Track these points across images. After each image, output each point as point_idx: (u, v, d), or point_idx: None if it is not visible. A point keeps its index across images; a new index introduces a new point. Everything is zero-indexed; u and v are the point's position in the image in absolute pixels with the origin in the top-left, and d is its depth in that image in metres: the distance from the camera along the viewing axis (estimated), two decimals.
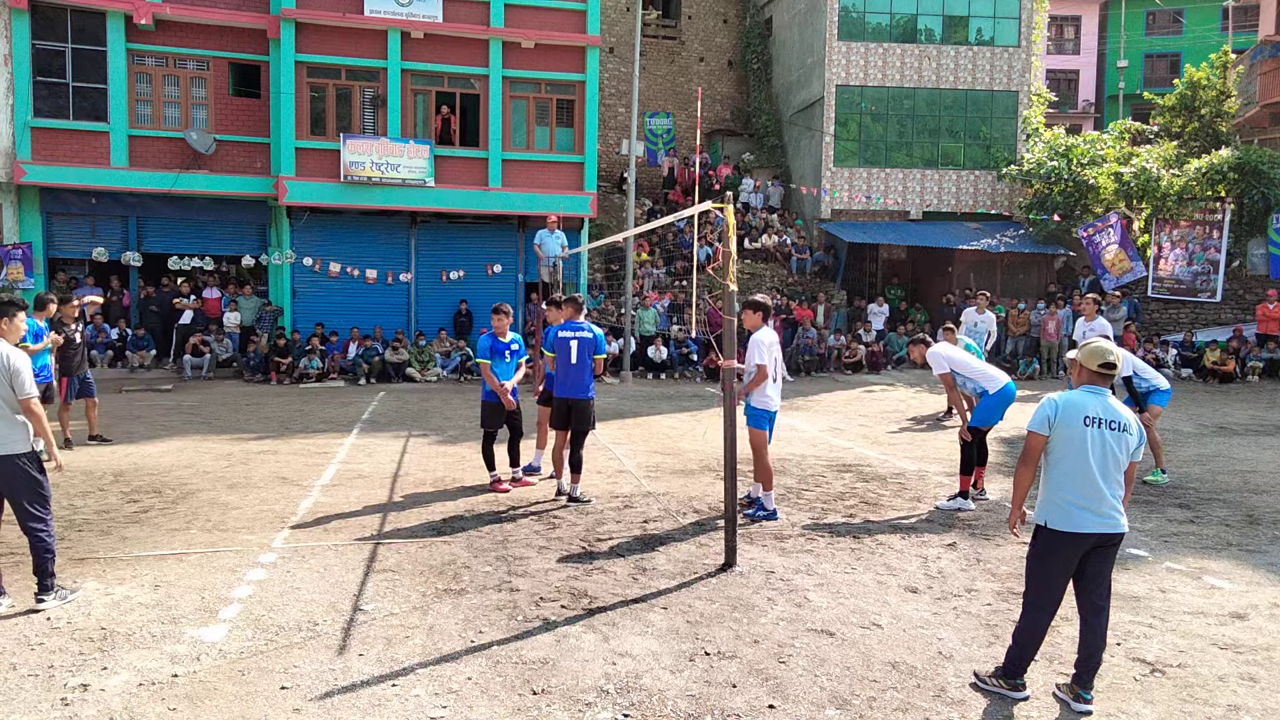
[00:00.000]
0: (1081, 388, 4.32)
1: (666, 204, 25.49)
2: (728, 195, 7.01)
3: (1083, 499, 4.17)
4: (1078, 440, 4.19)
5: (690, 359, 19.60)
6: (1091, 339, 4.49)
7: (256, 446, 10.70)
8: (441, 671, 4.52)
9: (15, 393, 5.24)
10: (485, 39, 19.42)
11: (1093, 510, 4.17)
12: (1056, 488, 4.22)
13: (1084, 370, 4.34)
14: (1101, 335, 11.98)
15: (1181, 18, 39.96)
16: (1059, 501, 4.20)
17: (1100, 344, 4.31)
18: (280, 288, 19.38)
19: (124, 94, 18.08)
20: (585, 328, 8.07)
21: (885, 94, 24.38)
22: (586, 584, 5.87)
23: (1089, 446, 4.18)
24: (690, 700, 4.25)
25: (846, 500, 8.39)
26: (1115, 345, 4.51)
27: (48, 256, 18.33)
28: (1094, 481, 4.18)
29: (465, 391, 16.60)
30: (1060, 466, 4.21)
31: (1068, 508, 4.18)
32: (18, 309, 5.62)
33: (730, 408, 6.38)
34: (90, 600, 5.45)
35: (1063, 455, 4.21)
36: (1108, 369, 4.27)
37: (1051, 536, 4.22)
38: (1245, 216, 21.71)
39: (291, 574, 6.00)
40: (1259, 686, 4.49)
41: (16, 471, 5.25)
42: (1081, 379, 4.36)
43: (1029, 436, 4.31)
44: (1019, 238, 23.27)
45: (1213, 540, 7.09)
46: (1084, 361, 4.32)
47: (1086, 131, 28.18)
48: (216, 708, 4.10)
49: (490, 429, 8.52)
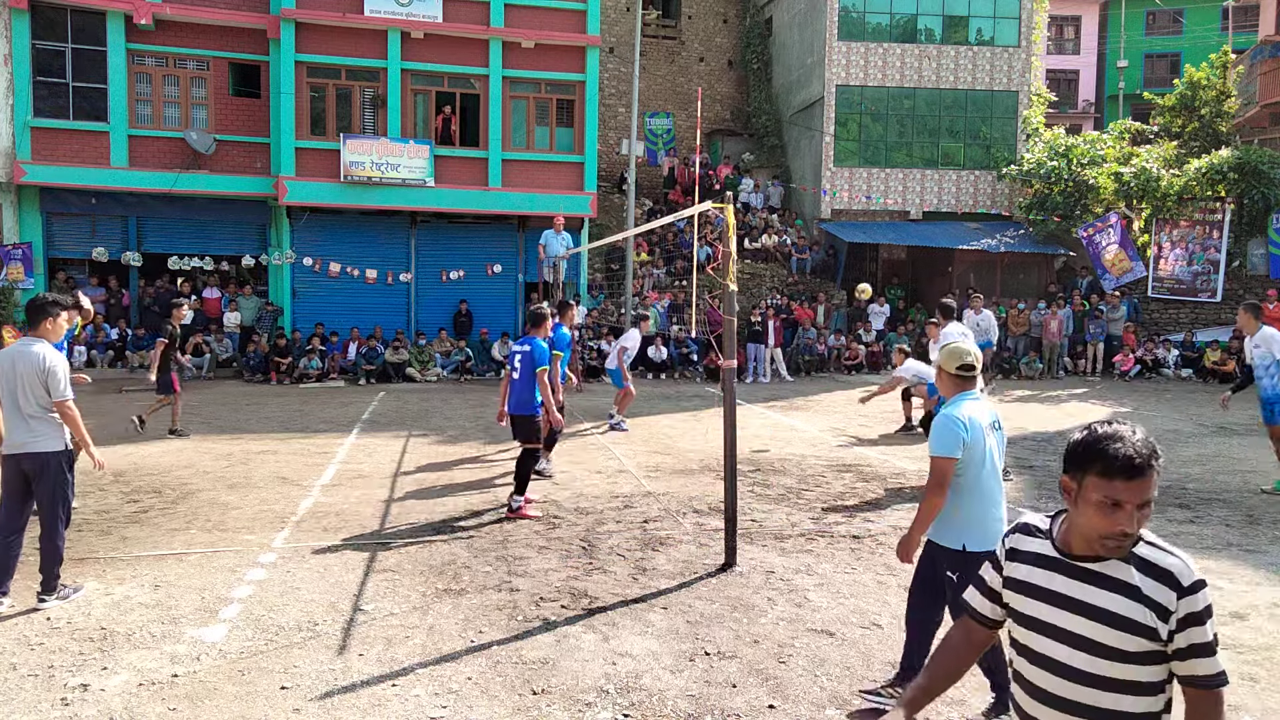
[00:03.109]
0: (963, 395, 3.99)
1: (666, 204, 25.48)
2: (728, 195, 7.00)
3: (999, 511, 3.92)
4: (980, 452, 3.88)
5: (690, 359, 19.60)
6: (952, 340, 4.18)
7: (256, 446, 10.70)
8: (441, 671, 4.52)
9: (50, 394, 5.28)
10: (485, 39, 19.42)
11: (1003, 521, 3.87)
12: (976, 506, 3.88)
13: (946, 375, 4.02)
14: (977, 331, 11.52)
15: (1181, 18, 39.95)
16: (979, 519, 3.87)
17: (959, 345, 4.03)
18: (280, 288, 19.38)
19: (124, 94, 18.08)
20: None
21: (885, 94, 24.38)
22: (586, 584, 5.87)
23: (989, 456, 3.92)
24: (690, 700, 4.25)
25: (846, 500, 8.39)
26: (974, 345, 4.16)
27: (48, 256, 18.34)
28: (1000, 491, 3.94)
29: (465, 392, 16.60)
30: (979, 486, 3.89)
31: (987, 524, 3.86)
32: (61, 308, 5.64)
33: (730, 407, 6.38)
34: (90, 600, 5.45)
35: (977, 474, 3.88)
36: (966, 371, 3.98)
37: (975, 559, 3.74)
38: (1245, 216, 21.71)
39: (291, 574, 6.00)
40: (1259, 686, 4.49)
41: (48, 469, 5.31)
42: (949, 385, 4.03)
43: (942, 463, 3.83)
44: (1019, 238, 23.26)
45: (1213, 540, 7.09)
46: (943, 364, 4.02)
47: (1086, 131, 28.17)
48: (216, 708, 4.10)
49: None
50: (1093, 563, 2.09)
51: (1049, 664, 2.15)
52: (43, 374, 5.27)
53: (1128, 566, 2.05)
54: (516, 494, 7.70)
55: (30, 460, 5.28)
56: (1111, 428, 2.04)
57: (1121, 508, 1.99)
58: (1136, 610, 2.02)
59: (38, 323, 5.50)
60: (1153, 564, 2.04)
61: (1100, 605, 2.06)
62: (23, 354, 5.31)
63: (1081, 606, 2.09)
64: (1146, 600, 2.01)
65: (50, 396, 5.30)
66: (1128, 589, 2.04)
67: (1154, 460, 2.00)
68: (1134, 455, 1.98)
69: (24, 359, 5.30)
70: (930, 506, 3.88)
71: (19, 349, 5.35)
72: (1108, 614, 2.05)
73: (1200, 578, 2.02)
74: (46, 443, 5.31)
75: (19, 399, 5.27)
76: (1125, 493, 1.98)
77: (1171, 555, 2.05)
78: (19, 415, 5.29)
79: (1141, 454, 1.99)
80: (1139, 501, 1.99)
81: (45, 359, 5.30)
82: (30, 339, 5.43)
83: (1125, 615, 2.03)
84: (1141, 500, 1.99)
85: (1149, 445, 2.01)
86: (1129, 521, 1.99)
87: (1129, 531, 2.00)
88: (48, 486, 5.32)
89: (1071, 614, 2.11)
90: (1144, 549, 2.07)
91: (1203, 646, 2.01)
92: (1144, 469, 1.98)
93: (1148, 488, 1.99)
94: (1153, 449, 2.01)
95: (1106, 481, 1.99)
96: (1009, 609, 2.26)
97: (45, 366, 5.29)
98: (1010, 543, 2.29)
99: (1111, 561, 2.06)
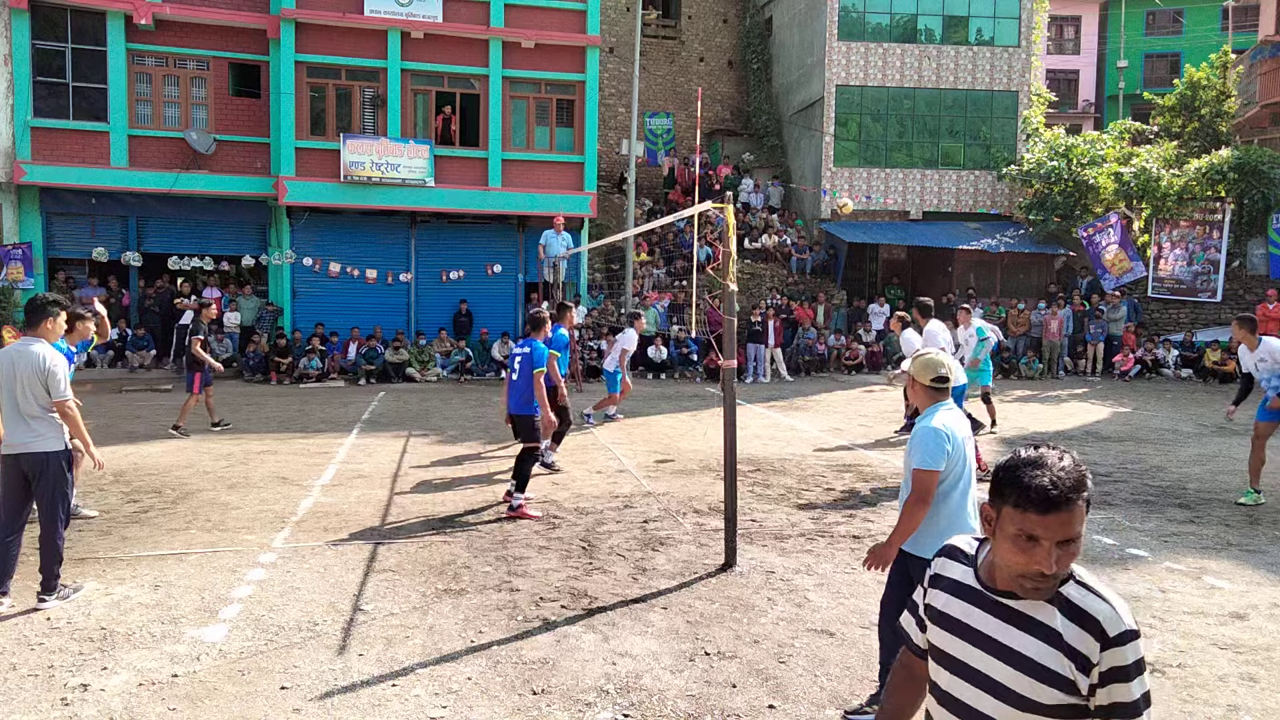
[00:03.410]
0: (937, 405, 3.91)
1: (666, 204, 25.48)
2: (728, 195, 7.00)
3: (975, 523, 3.82)
4: (961, 463, 3.82)
5: (690, 359, 19.60)
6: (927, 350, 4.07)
7: (256, 446, 10.70)
8: (441, 671, 4.52)
9: (49, 394, 5.29)
10: (485, 39, 19.42)
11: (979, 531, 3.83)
12: (955, 516, 3.81)
13: (921, 387, 3.93)
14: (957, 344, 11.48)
15: (1181, 18, 39.95)
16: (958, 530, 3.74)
17: (934, 356, 3.95)
18: (280, 288, 19.38)
19: (124, 94, 18.08)
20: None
21: (885, 94, 24.38)
22: (586, 584, 5.87)
23: (968, 467, 3.85)
24: (690, 700, 4.25)
25: (847, 500, 8.39)
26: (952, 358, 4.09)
27: (48, 256, 18.34)
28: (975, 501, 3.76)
29: (465, 392, 16.60)
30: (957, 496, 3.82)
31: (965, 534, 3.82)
32: (60, 309, 5.67)
33: (730, 407, 6.38)
34: (90, 600, 5.45)
35: (955, 484, 3.81)
36: (940, 383, 3.90)
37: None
38: (1245, 216, 21.70)
39: (291, 574, 6.00)
40: (1259, 686, 4.49)
41: (48, 469, 5.31)
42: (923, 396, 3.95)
43: (926, 476, 3.75)
44: (1019, 238, 23.27)
45: (1213, 540, 7.09)
46: (917, 375, 3.92)
47: (1086, 131, 28.16)
48: (216, 708, 4.10)
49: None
50: (1014, 599, 1.86)
51: (955, 705, 1.94)
52: (43, 374, 5.28)
53: (1051, 608, 1.82)
54: (517, 492, 7.73)
55: (30, 460, 5.28)
56: (1036, 453, 1.82)
57: (1038, 544, 1.76)
58: (1054, 659, 1.79)
59: (37, 323, 5.51)
60: (1079, 608, 1.80)
61: (1016, 648, 1.84)
62: (22, 354, 5.32)
63: (996, 647, 1.87)
64: (1067, 649, 1.78)
65: (50, 396, 5.30)
66: (1048, 634, 1.81)
67: (1077, 493, 1.75)
68: (1049, 486, 1.74)
69: (24, 359, 5.30)
70: (912, 519, 3.80)
71: (18, 349, 5.36)
72: (1023, 659, 1.82)
73: (1131, 628, 1.78)
74: (46, 443, 5.31)
75: (19, 399, 5.28)
76: (1041, 528, 1.74)
77: (1101, 600, 1.80)
78: (19, 415, 5.29)
79: (1061, 485, 1.74)
80: (1058, 538, 1.75)
81: (45, 359, 5.31)
82: (30, 339, 5.44)
83: (1042, 663, 1.80)
84: (1062, 537, 1.75)
85: (1074, 475, 1.77)
86: (1046, 560, 1.75)
87: (1046, 572, 1.76)
88: (48, 486, 5.32)
89: (985, 654, 1.88)
90: (1073, 590, 1.83)
91: (1126, 707, 1.76)
92: (1061, 502, 1.74)
93: (1069, 523, 1.75)
94: (1077, 480, 1.76)
95: (1020, 514, 1.76)
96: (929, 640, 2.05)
97: (45, 366, 5.29)
98: (935, 566, 2.07)
99: (1035, 600, 1.84)
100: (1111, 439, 11.95)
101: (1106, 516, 7.78)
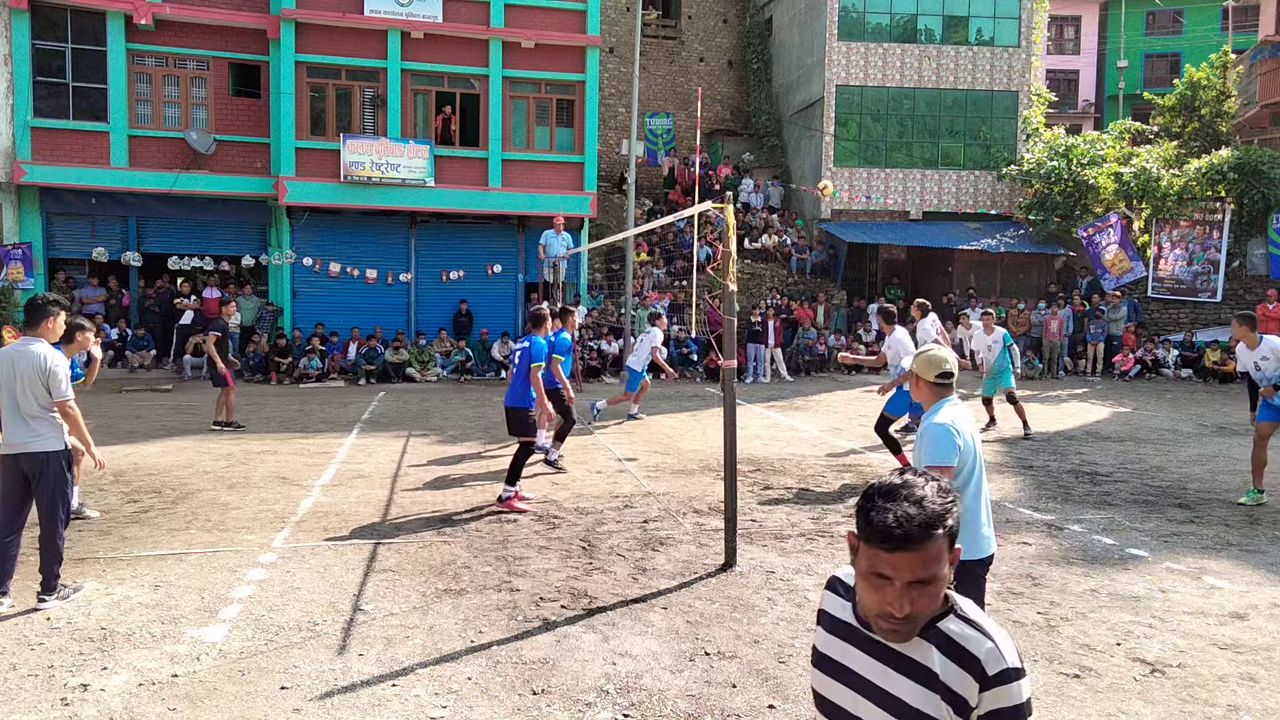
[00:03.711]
0: (943, 401, 3.87)
1: (666, 204, 25.48)
2: (728, 195, 7.01)
3: (989, 519, 3.84)
4: (972, 458, 3.78)
5: (690, 359, 19.60)
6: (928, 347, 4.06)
7: (257, 446, 10.70)
8: (441, 671, 4.52)
9: (50, 394, 5.29)
10: (485, 39, 19.42)
11: (990, 526, 3.83)
12: (973, 516, 3.77)
13: (926, 384, 3.89)
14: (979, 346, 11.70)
15: (1181, 18, 39.95)
16: (969, 525, 3.74)
17: (936, 352, 3.94)
18: (280, 288, 19.38)
19: (124, 94, 18.08)
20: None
21: (885, 94, 24.38)
22: (586, 584, 5.87)
23: (979, 461, 3.82)
24: (690, 700, 4.24)
25: (847, 500, 8.39)
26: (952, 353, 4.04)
27: (48, 256, 18.33)
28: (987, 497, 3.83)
29: (465, 392, 16.59)
30: (969, 491, 3.78)
31: (979, 533, 3.77)
32: (60, 308, 5.68)
33: (730, 407, 6.38)
34: (90, 600, 5.45)
35: (968, 479, 3.78)
36: (945, 379, 3.87)
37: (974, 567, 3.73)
38: (1245, 216, 21.71)
39: (291, 574, 6.00)
40: (1259, 686, 4.49)
41: (49, 468, 5.32)
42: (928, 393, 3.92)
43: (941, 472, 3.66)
44: (1019, 238, 23.27)
45: (1213, 540, 7.09)
46: (920, 372, 3.89)
47: (1086, 131, 28.16)
48: (216, 708, 4.10)
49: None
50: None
51: None
52: (43, 374, 5.28)
53: (929, 646, 1.64)
54: (507, 484, 7.86)
55: (30, 460, 5.28)
56: (898, 480, 1.63)
57: (890, 583, 1.58)
58: (930, 703, 1.62)
59: (37, 322, 5.51)
60: (959, 646, 1.62)
61: (892, 692, 1.66)
62: (22, 354, 5.32)
63: (873, 691, 1.69)
64: (944, 690, 1.62)
65: (50, 396, 5.30)
66: (924, 675, 1.64)
67: (929, 530, 1.55)
68: (895, 524, 1.55)
69: (24, 359, 5.30)
70: None
71: (18, 349, 5.36)
72: (899, 704, 1.66)
73: (1014, 665, 1.61)
74: (46, 442, 5.31)
75: (19, 399, 5.27)
76: (888, 566, 1.56)
77: (983, 637, 1.63)
78: (19, 415, 5.29)
79: (908, 522, 1.55)
80: (910, 579, 1.56)
81: (45, 359, 5.31)
82: (30, 339, 5.44)
83: (917, 708, 1.63)
84: (912, 577, 1.56)
85: (930, 511, 1.57)
86: (896, 602, 1.57)
87: (895, 614, 1.58)
88: (47, 486, 5.32)
89: (861, 697, 1.71)
90: (953, 625, 1.65)
91: None
92: (909, 540, 1.55)
93: (923, 563, 1.56)
94: (933, 517, 1.56)
95: (870, 549, 1.59)
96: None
97: (46, 366, 5.29)
98: (822, 601, 1.87)
99: (913, 638, 1.65)
100: (1111, 439, 11.95)
101: (1106, 516, 7.78)
